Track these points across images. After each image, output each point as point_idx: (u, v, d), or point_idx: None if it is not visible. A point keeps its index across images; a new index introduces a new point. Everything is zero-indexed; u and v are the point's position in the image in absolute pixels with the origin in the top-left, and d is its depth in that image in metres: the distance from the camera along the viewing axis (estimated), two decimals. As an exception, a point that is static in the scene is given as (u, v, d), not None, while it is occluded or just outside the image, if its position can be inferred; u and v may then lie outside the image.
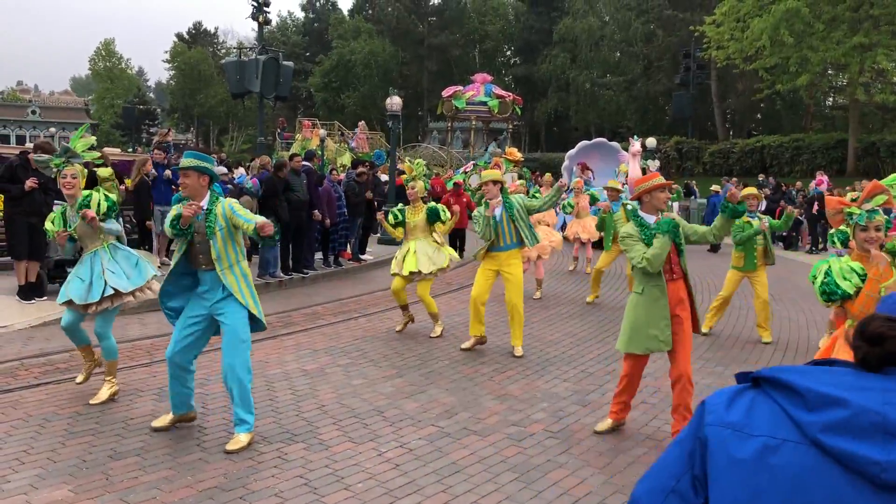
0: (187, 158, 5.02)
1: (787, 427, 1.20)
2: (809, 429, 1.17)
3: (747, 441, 1.21)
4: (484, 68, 46.85)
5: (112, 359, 5.92)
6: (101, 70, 69.53)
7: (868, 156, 29.10)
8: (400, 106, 26.09)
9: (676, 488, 1.29)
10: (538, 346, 8.17)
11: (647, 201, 5.24)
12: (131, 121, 49.02)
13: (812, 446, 1.17)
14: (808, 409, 1.19)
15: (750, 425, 1.23)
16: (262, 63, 19.29)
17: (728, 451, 1.22)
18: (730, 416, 1.26)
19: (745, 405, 1.26)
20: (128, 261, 5.97)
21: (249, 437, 4.99)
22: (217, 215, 5.00)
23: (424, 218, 8.51)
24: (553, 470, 4.82)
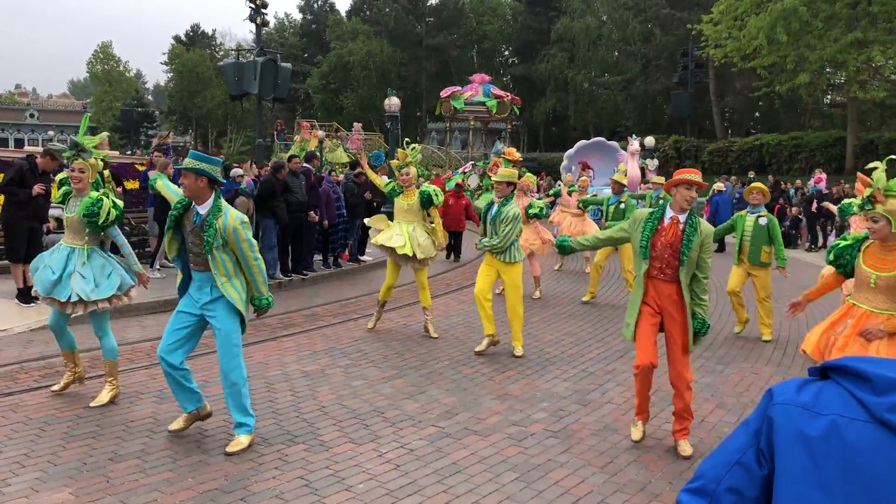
0: (188, 159, 4.95)
1: (856, 408, 1.24)
2: (876, 409, 1.22)
3: (816, 419, 1.26)
4: (482, 68, 46.86)
5: (112, 358, 5.90)
6: (99, 73, 69.55)
7: (867, 153, 29.06)
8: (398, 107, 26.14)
9: (742, 461, 1.33)
10: (538, 346, 8.17)
11: (674, 195, 5.07)
12: (130, 123, 49.07)
13: (879, 425, 1.21)
14: (875, 392, 1.23)
15: (819, 405, 1.27)
16: (260, 65, 19.28)
17: (796, 426, 1.27)
18: (800, 397, 1.30)
19: (814, 390, 1.30)
20: (102, 269, 5.85)
21: (249, 438, 5.00)
22: (217, 230, 4.82)
23: (418, 202, 8.50)
24: (554, 469, 4.82)
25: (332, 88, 54.58)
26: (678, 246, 4.96)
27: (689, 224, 4.99)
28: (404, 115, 44.38)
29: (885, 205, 4.11)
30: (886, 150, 28.08)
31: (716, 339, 8.74)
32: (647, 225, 5.06)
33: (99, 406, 5.75)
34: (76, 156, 5.86)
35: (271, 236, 11.55)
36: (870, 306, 4.15)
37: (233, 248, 4.90)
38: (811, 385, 1.32)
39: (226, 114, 59.92)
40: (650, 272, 5.08)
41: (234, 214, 4.87)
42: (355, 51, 53.01)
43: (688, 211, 5.04)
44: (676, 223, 5.01)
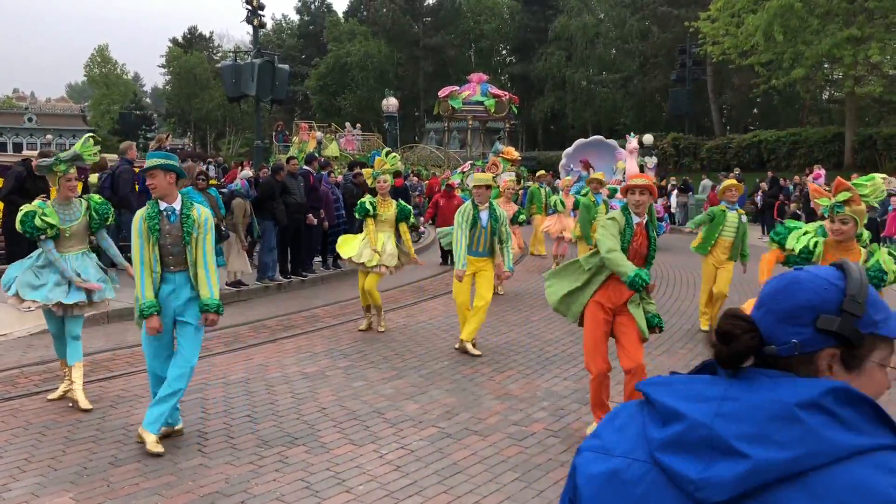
0: (150, 159, 5.05)
1: (642, 445, 1.18)
2: (652, 446, 1.15)
3: (606, 461, 1.20)
4: (480, 68, 46.89)
5: (79, 361, 5.88)
6: (96, 76, 69.60)
7: (865, 149, 29.13)
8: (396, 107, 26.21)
9: None
10: (538, 345, 8.17)
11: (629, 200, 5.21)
12: (128, 126, 49.20)
13: (654, 466, 1.14)
14: (661, 424, 1.16)
15: (613, 446, 1.21)
16: (257, 66, 19.27)
17: (588, 470, 1.22)
18: (599, 437, 1.25)
19: (622, 424, 1.24)
20: (98, 273, 6.03)
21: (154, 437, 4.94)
22: (194, 220, 5.00)
23: (394, 214, 8.57)
24: (554, 469, 4.82)
25: (331, 90, 54.61)
26: (645, 250, 5.20)
27: (651, 228, 5.22)
28: (402, 115, 44.45)
29: (854, 207, 4.17)
30: (885, 146, 28.15)
31: (696, 334, 8.78)
32: (626, 231, 5.15)
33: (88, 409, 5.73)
34: (72, 165, 5.94)
35: (270, 238, 11.55)
36: None
37: (199, 241, 5.00)
38: (622, 416, 1.26)
39: (224, 116, 59.98)
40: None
41: (203, 208, 5.08)
42: (353, 52, 53.04)
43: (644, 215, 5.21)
44: (642, 227, 5.20)
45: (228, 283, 10.77)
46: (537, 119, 51.38)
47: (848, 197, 4.16)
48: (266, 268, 11.60)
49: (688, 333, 8.89)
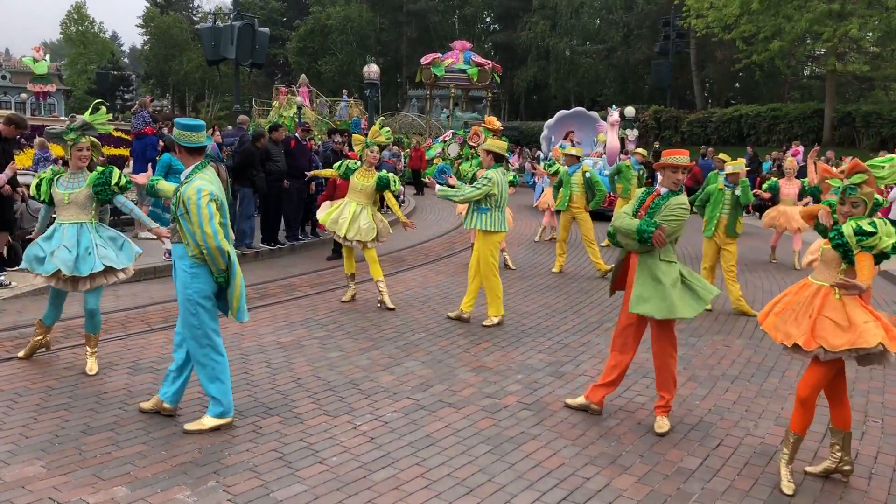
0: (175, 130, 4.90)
1: None
2: None
3: None
4: (463, 35, 46.43)
5: (97, 333, 5.99)
6: (72, 34, 68.02)
7: (844, 125, 29.29)
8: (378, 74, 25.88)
9: None
10: (514, 318, 8.22)
11: (664, 175, 5.17)
12: (105, 87, 48.07)
13: None
14: None
15: None
16: (237, 29, 18.96)
17: None
18: None
19: None
20: (114, 242, 6.01)
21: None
22: (179, 198, 4.73)
23: (374, 185, 8.41)
24: (526, 442, 4.87)
25: (311, 53, 53.89)
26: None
27: (663, 198, 5.12)
28: (384, 81, 43.98)
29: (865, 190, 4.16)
30: (863, 123, 28.34)
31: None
32: (644, 195, 5.25)
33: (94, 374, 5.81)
34: (82, 134, 5.89)
35: (249, 205, 11.47)
36: (813, 278, 4.35)
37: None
38: None
39: (203, 78, 59.04)
40: None
41: (195, 185, 4.65)
42: (333, 14, 52.29)
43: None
44: (655, 197, 5.17)
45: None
46: (520, 89, 51.10)
47: (863, 179, 4.14)
48: (244, 235, 11.51)
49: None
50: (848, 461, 4.42)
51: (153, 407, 5.10)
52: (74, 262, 5.67)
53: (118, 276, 5.89)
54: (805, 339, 4.09)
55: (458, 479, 4.30)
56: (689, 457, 4.73)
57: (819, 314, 4.13)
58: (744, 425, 5.30)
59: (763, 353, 7.16)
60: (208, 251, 4.63)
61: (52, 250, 5.74)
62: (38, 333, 6.16)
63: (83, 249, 5.74)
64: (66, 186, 5.85)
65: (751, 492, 4.28)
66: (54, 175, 5.97)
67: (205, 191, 4.63)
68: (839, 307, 4.11)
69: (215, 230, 4.61)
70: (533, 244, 14.06)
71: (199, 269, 4.77)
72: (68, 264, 5.65)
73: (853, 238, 4.02)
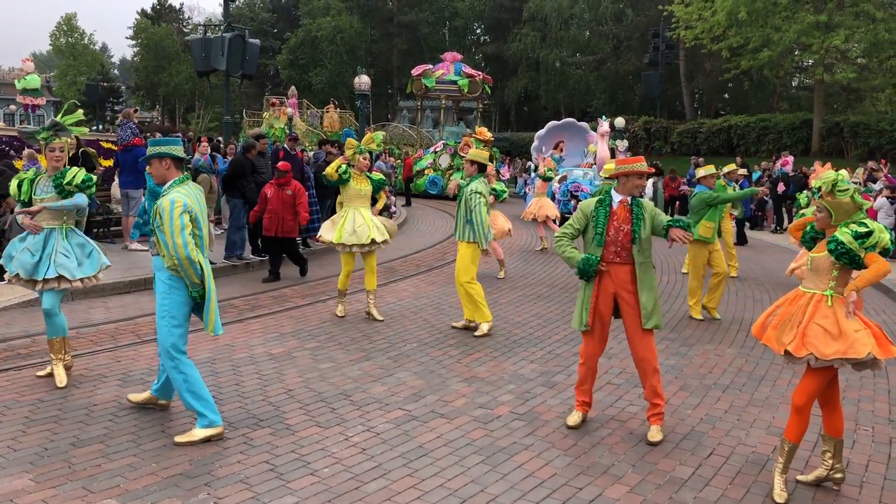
0: (149, 147, 4.98)
1: None
2: None
3: None
4: (454, 46, 46.53)
5: (56, 337, 5.90)
6: (62, 46, 67.82)
7: (832, 136, 29.52)
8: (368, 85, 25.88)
9: None
10: (505, 328, 8.21)
11: (623, 182, 5.22)
12: (95, 98, 48.00)
13: None
14: None
15: None
16: (228, 41, 18.94)
17: None
18: None
19: None
20: (82, 249, 6.02)
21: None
22: (154, 211, 4.83)
23: (371, 188, 8.52)
24: (518, 452, 4.86)
25: (301, 64, 53.94)
26: (628, 227, 5.12)
27: (635, 204, 5.18)
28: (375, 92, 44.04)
29: (828, 199, 4.25)
30: (851, 133, 28.56)
31: (681, 320, 8.85)
32: (599, 213, 5.17)
33: (64, 386, 5.76)
34: (55, 135, 5.92)
35: (240, 216, 11.44)
36: (804, 287, 4.36)
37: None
38: None
39: (193, 89, 58.94)
40: (605, 257, 5.17)
41: (169, 197, 4.74)
42: (324, 25, 52.39)
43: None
44: (626, 205, 5.18)
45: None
46: (510, 100, 51.26)
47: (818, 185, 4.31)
48: (234, 246, 11.48)
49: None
50: (839, 469, 4.43)
51: (145, 401, 5.25)
52: (34, 267, 5.74)
53: (73, 284, 5.86)
54: (795, 346, 4.11)
55: (451, 489, 4.28)
56: (681, 466, 4.73)
57: (810, 321, 4.15)
58: (735, 434, 5.30)
59: (754, 362, 7.18)
60: (179, 262, 4.72)
61: (12, 252, 5.84)
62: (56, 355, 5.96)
63: (45, 255, 5.79)
64: (40, 191, 5.88)
65: (742, 501, 4.28)
66: (36, 176, 5.97)
67: (178, 202, 4.73)
68: (830, 315, 4.13)
69: (185, 241, 4.70)
70: (525, 254, 14.07)
71: (177, 282, 4.86)
72: (27, 268, 5.74)
73: (855, 243, 4.06)
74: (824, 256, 4.22)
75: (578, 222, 5.28)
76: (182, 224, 4.70)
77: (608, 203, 5.20)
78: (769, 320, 4.44)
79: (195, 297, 4.88)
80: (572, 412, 5.45)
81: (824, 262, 4.22)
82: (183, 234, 4.69)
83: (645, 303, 5.12)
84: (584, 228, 5.27)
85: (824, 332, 4.09)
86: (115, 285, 9.26)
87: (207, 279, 4.86)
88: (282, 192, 10.18)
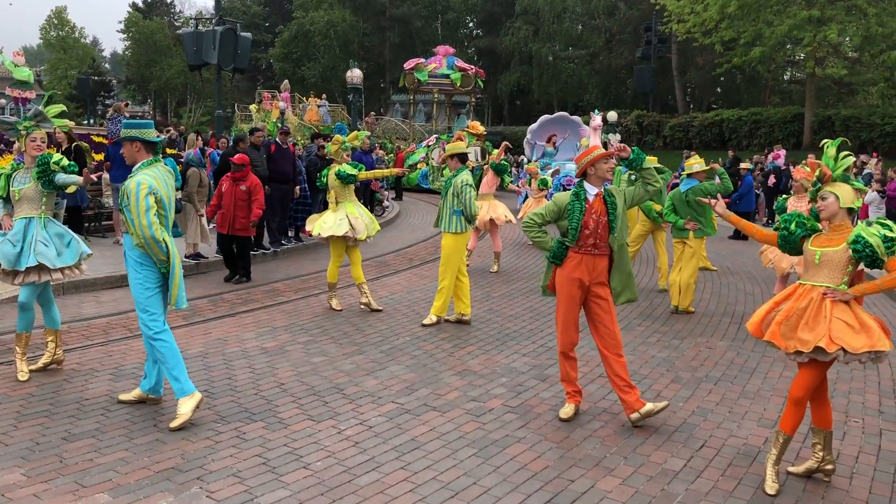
0: (122, 129, 5.14)
1: None
2: None
3: None
4: (446, 40, 46.45)
5: (26, 332, 5.90)
6: (53, 39, 67.44)
7: (824, 129, 29.61)
8: (360, 79, 25.85)
9: None
10: (498, 321, 8.22)
11: (592, 174, 5.25)
12: (86, 92, 47.91)
13: None
14: None
15: None
16: (219, 34, 18.86)
17: None
18: None
19: None
20: (61, 238, 5.98)
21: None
22: (122, 192, 4.97)
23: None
24: (511, 445, 4.87)
25: (294, 58, 53.78)
26: (605, 218, 5.17)
27: (607, 194, 5.23)
28: (368, 86, 43.94)
29: (832, 184, 4.25)
30: (842, 127, 28.64)
31: (673, 313, 8.86)
32: (575, 208, 5.19)
33: (36, 369, 5.86)
34: (37, 126, 5.93)
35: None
36: (812, 282, 4.27)
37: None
38: None
39: (185, 83, 58.66)
40: (583, 248, 5.21)
41: (136, 178, 4.91)
42: (317, 19, 52.22)
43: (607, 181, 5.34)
44: (601, 197, 5.22)
45: (187, 255, 10.63)
46: (503, 93, 51.18)
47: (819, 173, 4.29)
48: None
49: (644, 311, 9.00)
50: (830, 460, 4.45)
51: (136, 398, 5.31)
52: (16, 257, 5.71)
53: (53, 276, 5.82)
54: (826, 342, 4.06)
55: (443, 482, 4.29)
56: (672, 458, 4.74)
57: (832, 316, 4.11)
58: (727, 426, 5.33)
59: (746, 354, 7.21)
60: (145, 240, 4.90)
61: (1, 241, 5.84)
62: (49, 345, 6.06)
63: (27, 244, 5.77)
64: (18, 183, 5.89)
65: (734, 492, 4.30)
66: (13, 170, 5.96)
67: (144, 184, 4.88)
68: (846, 309, 4.12)
69: (150, 222, 4.86)
70: (518, 249, 14.09)
71: (146, 260, 5.02)
72: (9, 258, 5.71)
73: (882, 246, 4.03)
74: (841, 251, 4.15)
75: (550, 213, 5.31)
76: (147, 205, 4.87)
77: (584, 197, 5.21)
78: (770, 317, 4.39)
79: (163, 273, 5.07)
80: (565, 405, 5.47)
81: (840, 257, 4.15)
82: (148, 215, 4.86)
83: (615, 285, 5.30)
84: (554, 220, 5.30)
85: (847, 326, 4.07)
86: (106, 279, 9.23)
87: (172, 256, 5.03)
88: (236, 188, 9.61)
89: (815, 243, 4.30)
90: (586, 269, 5.22)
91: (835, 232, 4.24)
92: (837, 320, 4.09)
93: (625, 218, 5.33)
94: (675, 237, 8.88)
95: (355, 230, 8.26)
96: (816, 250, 4.25)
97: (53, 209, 6.06)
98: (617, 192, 5.29)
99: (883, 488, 4.42)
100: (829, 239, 4.25)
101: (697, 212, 8.67)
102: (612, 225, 5.19)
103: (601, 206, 5.18)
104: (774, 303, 4.44)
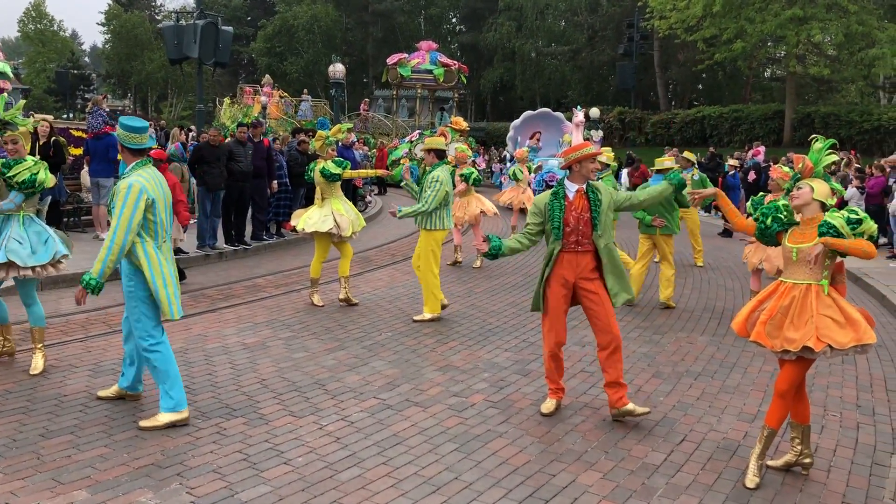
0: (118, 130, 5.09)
1: None
2: None
3: None
4: (429, 35, 46.32)
5: (40, 325, 5.93)
6: (31, 32, 66.63)
7: (804, 126, 29.84)
8: (343, 73, 25.78)
9: None
10: (480, 317, 8.23)
11: (577, 171, 5.25)
12: (65, 86, 47.31)
13: None
14: None
15: None
16: (200, 28, 18.74)
17: None
18: None
19: None
20: (38, 236, 5.92)
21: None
22: (112, 192, 4.89)
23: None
24: (493, 439, 4.88)
25: (277, 52, 53.52)
26: (588, 214, 5.16)
27: (590, 190, 5.22)
28: (350, 81, 43.81)
29: (812, 178, 4.30)
30: (822, 124, 28.88)
31: (653, 309, 8.91)
32: (554, 206, 5.19)
33: (37, 374, 5.75)
34: (3, 129, 5.90)
35: (205, 204, 11.28)
36: (793, 279, 4.30)
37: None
38: None
39: (166, 78, 58.19)
40: (566, 247, 5.20)
41: (128, 180, 4.79)
42: (300, 14, 51.98)
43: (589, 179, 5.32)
44: (582, 193, 5.21)
45: (168, 250, 10.54)
46: (486, 89, 51.21)
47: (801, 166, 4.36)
48: (203, 235, 11.36)
49: (625, 307, 9.03)
50: (808, 454, 4.49)
51: (114, 394, 5.28)
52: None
53: (23, 273, 5.76)
54: (814, 342, 4.09)
55: (425, 477, 4.29)
56: (653, 452, 4.77)
57: (817, 313, 4.14)
58: (707, 421, 5.36)
59: (726, 349, 7.26)
60: (111, 243, 4.72)
61: None
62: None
63: (1, 241, 5.73)
64: None
65: (714, 486, 4.33)
66: None
67: (135, 187, 4.76)
68: (832, 304, 4.15)
69: (130, 228, 4.72)
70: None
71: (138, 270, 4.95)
72: None
73: (846, 228, 4.07)
74: (814, 245, 4.19)
75: (535, 220, 5.30)
76: (133, 211, 4.72)
77: (562, 195, 5.21)
78: (755, 316, 4.41)
79: (86, 285, 4.87)
80: (546, 399, 5.48)
81: (815, 251, 4.20)
82: (131, 221, 4.72)
83: (611, 286, 5.24)
84: (541, 222, 5.28)
85: (833, 322, 4.10)
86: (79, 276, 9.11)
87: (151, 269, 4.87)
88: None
89: (791, 240, 4.33)
90: (570, 267, 5.22)
91: (807, 226, 4.29)
92: (823, 317, 4.11)
93: (609, 217, 5.28)
94: (643, 233, 9.02)
95: (340, 227, 8.24)
96: (793, 247, 4.29)
97: (36, 206, 6.02)
98: (604, 189, 5.27)
99: (860, 481, 4.47)
100: (802, 234, 4.30)
101: (666, 209, 8.78)
102: (594, 222, 5.16)
103: (582, 202, 5.18)
104: (758, 301, 4.47)
